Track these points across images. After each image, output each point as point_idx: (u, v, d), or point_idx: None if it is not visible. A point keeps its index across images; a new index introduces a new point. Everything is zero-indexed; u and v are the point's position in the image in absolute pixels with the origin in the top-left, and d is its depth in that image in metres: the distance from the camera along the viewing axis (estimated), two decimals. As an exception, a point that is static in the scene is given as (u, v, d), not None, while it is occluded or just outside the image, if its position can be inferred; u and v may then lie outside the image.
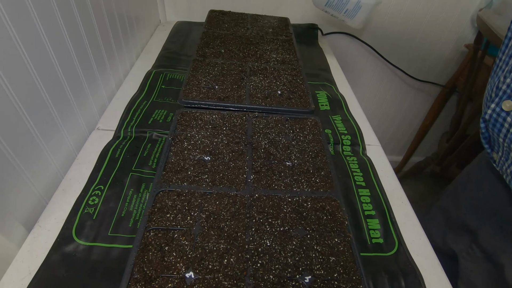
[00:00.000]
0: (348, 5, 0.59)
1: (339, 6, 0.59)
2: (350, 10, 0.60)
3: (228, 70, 0.58)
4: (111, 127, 0.50)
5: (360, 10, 0.60)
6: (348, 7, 0.59)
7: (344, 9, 0.59)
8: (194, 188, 0.37)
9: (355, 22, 0.63)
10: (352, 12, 0.60)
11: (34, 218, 0.37)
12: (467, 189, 0.58)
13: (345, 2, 0.59)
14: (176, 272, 0.29)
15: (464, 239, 0.56)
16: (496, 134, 0.40)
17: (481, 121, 0.42)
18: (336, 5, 0.59)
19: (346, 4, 0.59)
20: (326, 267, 0.31)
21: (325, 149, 0.45)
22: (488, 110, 0.40)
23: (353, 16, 0.61)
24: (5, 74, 0.32)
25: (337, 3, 0.59)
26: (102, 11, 0.52)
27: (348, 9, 0.59)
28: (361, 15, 0.61)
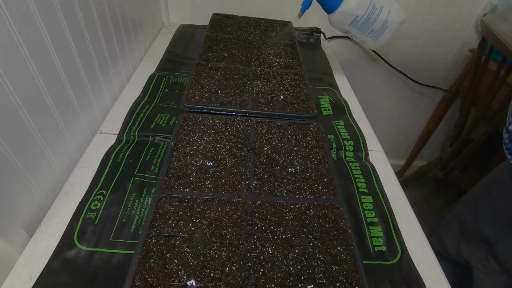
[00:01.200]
0: (375, 24, 0.54)
1: (365, 26, 0.55)
2: (376, 30, 0.55)
3: (231, 75, 0.58)
4: (114, 131, 0.50)
5: (386, 30, 0.56)
6: (375, 27, 0.55)
7: (369, 29, 0.55)
8: (196, 194, 0.37)
9: (378, 43, 0.59)
10: (378, 32, 0.56)
11: (36, 222, 0.37)
12: (487, 199, 0.57)
13: (372, 21, 0.54)
14: (177, 280, 0.29)
15: (480, 250, 0.55)
16: None
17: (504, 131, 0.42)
18: (361, 25, 0.55)
19: (373, 23, 0.54)
20: (329, 276, 0.31)
21: (328, 155, 0.45)
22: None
23: (378, 37, 0.57)
24: (8, 78, 0.32)
25: (363, 22, 0.54)
26: (106, 14, 0.52)
27: (374, 29, 0.55)
28: (386, 36, 0.57)
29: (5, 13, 0.31)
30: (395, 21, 0.56)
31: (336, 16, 0.55)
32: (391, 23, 0.55)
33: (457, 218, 0.63)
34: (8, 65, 0.31)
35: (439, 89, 1.11)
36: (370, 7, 0.53)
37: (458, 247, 0.60)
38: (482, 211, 0.57)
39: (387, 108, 1.19)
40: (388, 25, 0.55)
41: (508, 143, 0.44)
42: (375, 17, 0.54)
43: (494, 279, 0.51)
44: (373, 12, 0.53)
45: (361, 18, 0.53)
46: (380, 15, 0.54)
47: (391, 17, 0.55)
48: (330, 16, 0.57)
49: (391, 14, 0.54)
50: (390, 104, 1.18)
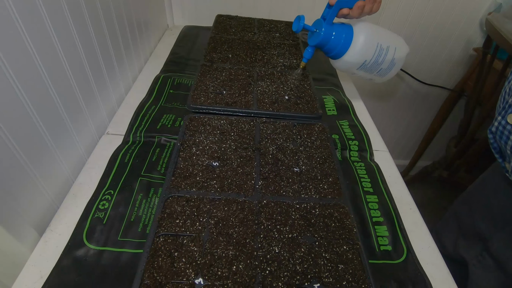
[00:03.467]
0: (383, 64, 0.52)
1: (373, 67, 0.53)
2: (384, 68, 0.54)
3: (235, 75, 0.58)
4: (121, 131, 0.51)
5: (394, 67, 0.54)
6: (383, 66, 0.53)
7: (378, 69, 0.53)
8: (203, 194, 0.37)
9: (386, 79, 0.57)
10: (386, 70, 0.54)
11: (46, 222, 0.38)
12: (481, 197, 0.57)
13: (381, 62, 0.52)
14: (185, 278, 0.29)
15: (475, 247, 0.55)
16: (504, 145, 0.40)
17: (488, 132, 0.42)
18: (370, 68, 0.52)
19: (381, 64, 0.52)
20: (335, 275, 0.31)
21: (333, 155, 0.45)
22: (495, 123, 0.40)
23: (386, 74, 0.55)
24: (19, 80, 0.32)
25: (371, 65, 0.52)
26: (112, 16, 0.53)
27: (382, 68, 0.53)
28: (395, 71, 0.56)
29: (17, 17, 0.31)
30: (402, 56, 0.54)
31: (343, 63, 0.52)
32: (398, 59, 0.54)
33: (454, 216, 0.63)
34: (19, 67, 0.32)
35: (443, 88, 1.10)
36: (378, 49, 0.51)
37: (455, 244, 0.60)
38: (477, 207, 0.57)
39: (391, 108, 1.19)
40: (396, 62, 0.54)
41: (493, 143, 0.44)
42: (383, 58, 0.52)
43: (489, 275, 0.52)
44: (380, 54, 0.51)
45: (370, 62, 0.51)
46: (388, 54, 0.52)
47: (397, 54, 0.53)
48: (336, 62, 0.54)
49: (397, 51, 0.53)
50: (395, 104, 1.17)
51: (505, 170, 0.44)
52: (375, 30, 0.51)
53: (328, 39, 0.49)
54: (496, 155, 0.45)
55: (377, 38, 0.50)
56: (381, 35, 0.52)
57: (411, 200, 0.47)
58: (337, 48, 0.50)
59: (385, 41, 0.51)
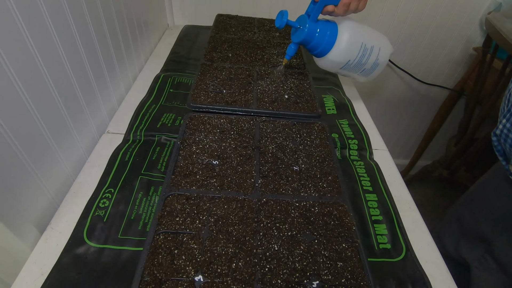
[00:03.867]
0: (367, 64, 0.52)
1: (357, 67, 0.53)
2: (368, 69, 0.53)
3: (235, 75, 0.58)
4: (121, 130, 0.51)
5: (377, 67, 0.54)
6: (366, 66, 0.53)
7: (361, 69, 0.53)
8: (203, 192, 0.37)
9: (369, 79, 0.57)
10: (369, 71, 0.54)
11: (46, 220, 0.38)
12: (484, 198, 0.57)
13: (364, 62, 0.51)
14: (185, 275, 0.29)
15: (477, 249, 0.55)
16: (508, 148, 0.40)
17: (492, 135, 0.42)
18: (353, 67, 0.52)
19: (365, 64, 0.52)
20: (334, 272, 0.31)
21: (333, 154, 0.45)
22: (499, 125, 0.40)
23: (369, 74, 0.55)
24: (20, 78, 0.32)
25: (355, 65, 0.52)
26: (113, 15, 0.53)
27: (366, 68, 0.53)
28: (378, 71, 0.56)
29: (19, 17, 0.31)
30: (385, 57, 0.54)
31: (326, 61, 0.51)
32: (381, 60, 0.53)
33: (456, 217, 0.63)
34: (20, 67, 0.32)
35: (443, 88, 1.11)
36: (362, 49, 0.50)
37: (456, 246, 0.60)
38: (479, 209, 0.57)
39: (391, 107, 1.19)
40: (379, 62, 0.53)
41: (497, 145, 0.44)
42: (366, 58, 0.51)
43: (492, 277, 0.51)
44: (364, 54, 0.50)
45: (353, 62, 0.51)
46: (371, 55, 0.51)
47: (381, 55, 0.53)
48: (319, 60, 0.53)
49: (381, 51, 0.52)
50: (394, 103, 1.17)
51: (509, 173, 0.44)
52: (360, 29, 0.50)
53: (312, 36, 0.48)
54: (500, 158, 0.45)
55: (361, 38, 0.50)
56: (366, 35, 0.51)
57: (411, 199, 0.47)
58: (320, 46, 0.49)
59: (369, 41, 0.50)
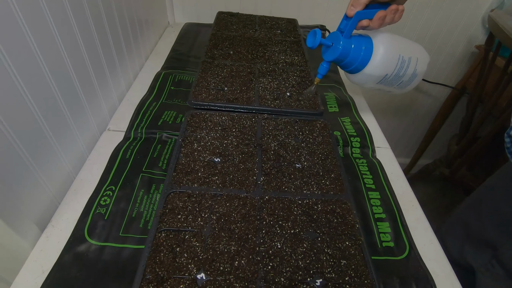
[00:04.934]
0: (405, 77, 0.49)
1: (394, 81, 0.49)
2: (406, 81, 0.50)
3: (237, 72, 0.58)
4: (122, 128, 0.51)
5: (415, 79, 0.51)
6: (404, 79, 0.49)
7: (398, 82, 0.50)
8: (205, 190, 0.37)
9: (406, 90, 0.53)
10: (407, 83, 0.51)
11: (47, 217, 0.38)
12: (492, 202, 0.56)
13: (402, 74, 0.48)
14: (187, 273, 0.29)
15: (484, 254, 0.54)
16: None
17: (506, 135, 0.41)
18: (391, 81, 0.49)
19: (403, 76, 0.48)
20: (337, 270, 0.31)
21: (335, 151, 0.45)
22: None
23: (406, 86, 0.52)
24: (21, 76, 0.32)
25: (392, 78, 0.48)
26: (113, 13, 0.53)
27: (403, 81, 0.50)
28: (415, 84, 0.52)
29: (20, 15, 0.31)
30: (423, 67, 0.50)
31: (362, 76, 0.48)
32: (420, 70, 0.50)
33: (462, 221, 0.61)
34: (21, 64, 0.32)
35: (445, 86, 1.10)
36: (400, 61, 0.47)
37: (461, 250, 0.58)
38: (487, 214, 0.56)
39: (393, 105, 1.19)
40: (417, 73, 0.50)
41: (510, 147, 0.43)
42: (404, 70, 0.48)
43: (498, 284, 0.50)
44: (402, 66, 0.47)
45: (391, 75, 0.47)
46: (410, 66, 0.48)
47: (419, 65, 0.49)
48: (353, 76, 0.49)
49: (419, 62, 0.49)
50: (396, 101, 1.17)
51: None
52: (396, 41, 0.47)
53: (347, 53, 0.45)
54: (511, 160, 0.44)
55: (398, 50, 0.47)
56: (403, 46, 0.48)
57: (413, 197, 0.47)
58: (356, 62, 0.46)
59: (407, 52, 0.48)
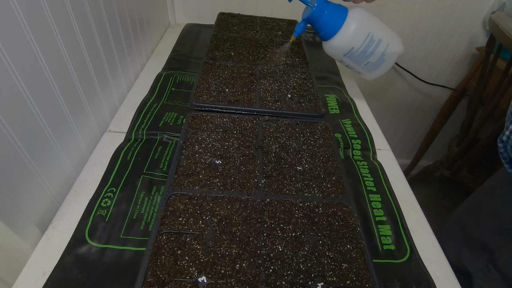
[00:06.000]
0: (371, 57, 0.50)
1: (360, 58, 0.50)
2: (372, 63, 0.51)
3: (238, 73, 0.58)
4: (123, 129, 0.51)
5: (383, 64, 0.52)
6: (371, 59, 0.50)
7: (365, 61, 0.51)
8: (206, 192, 0.37)
9: (374, 75, 0.55)
10: (374, 65, 0.52)
11: (48, 219, 0.38)
12: (489, 207, 0.55)
13: (369, 54, 0.49)
14: (188, 276, 0.29)
15: (481, 259, 0.54)
16: None
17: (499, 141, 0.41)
18: (357, 57, 0.50)
19: (369, 56, 0.50)
20: (339, 274, 0.31)
21: (336, 154, 0.45)
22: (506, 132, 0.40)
23: (374, 69, 0.53)
24: (21, 76, 0.32)
25: (359, 54, 0.50)
26: (114, 13, 0.53)
27: (370, 61, 0.51)
28: (383, 69, 0.53)
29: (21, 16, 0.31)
30: (393, 55, 0.52)
31: (331, 45, 0.51)
32: (388, 56, 0.51)
33: (459, 224, 0.61)
34: (23, 65, 0.32)
35: (446, 88, 1.10)
36: (368, 40, 0.49)
37: (459, 254, 0.58)
38: (485, 217, 0.55)
39: (393, 107, 1.18)
40: (386, 59, 0.51)
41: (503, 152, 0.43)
42: (372, 50, 0.50)
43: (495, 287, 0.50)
44: (370, 45, 0.49)
45: (357, 50, 0.50)
46: (378, 48, 0.50)
47: (389, 51, 0.51)
48: (325, 44, 0.53)
49: (390, 47, 0.50)
50: (396, 103, 1.17)
51: None
52: (370, 19, 0.49)
53: (319, 16, 0.48)
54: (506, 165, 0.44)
55: (369, 28, 0.49)
56: (376, 27, 0.50)
57: (414, 199, 0.47)
58: (326, 27, 0.49)
59: (378, 33, 0.49)
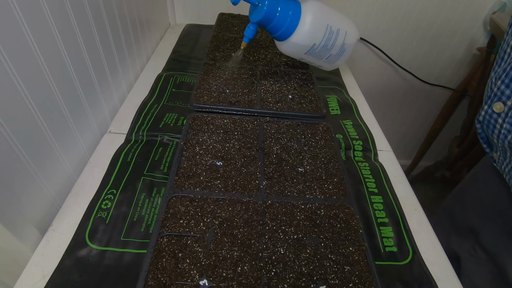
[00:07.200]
0: (333, 50, 0.49)
1: (322, 53, 0.49)
2: (334, 55, 0.50)
3: (238, 74, 0.57)
4: (123, 130, 0.50)
5: (343, 53, 0.51)
6: (332, 52, 0.49)
7: (327, 55, 0.50)
8: (207, 194, 0.37)
9: (335, 66, 0.54)
10: (335, 57, 0.51)
11: (48, 221, 0.37)
12: (473, 190, 0.57)
13: (330, 47, 0.48)
14: (190, 279, 0.29)
15: (467, 241, 0.55)
16: (491, 134, 0.41)
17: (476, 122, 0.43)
18: (318, 53, 0.49)
19: (331, 49, 0.49)
20: (341, 276, 0.31)
21: (338, 155, 0.44)
22: (482, 112, 0.41)
23: (335, 61, 0.52)
24: (21, 78, 0.32)
25: (320, 50, 0.48)
26: (115, 14, 0.53)
27: (332, 54, 0.50)
28: (344, 58, 0.53)
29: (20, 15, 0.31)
30: (352, 43, 0.51)
31: (289, 45, 0.47)
32: (348, 45, 0.50)
33: (447, 212, 0.63)
34: (22, 66, 0.32)
35: (446, 88, 1.10)
36: (328, 32, 0.46)
37: (447, 239, 0.60)
38: (469, 202, 0.57)
39: (393, 107, 1.18)
40: (346, 48, 0.50)
41: (481, 132, 0.45)
42: (332, 42, 0.48)
43: (482, 268, 0.51)
44: (330, 38, 0.47)
45: (319, 46, 0.47)
46: (338, 39, 0.48)
47: (348, 39, 0.50)
48: (281, 44, 0.49)
49: (348, 36, 0.49)
50: (397, 103, 1.17)
51: (493, 160, 0.45)
52: (325, 10, 0.47)
53: (273, 16, 0.43)
54: (484, 145, 0.46)
55: (327, 19, 0.46)
56: (331, 16, 0.47)
57: (416, 200, 0.46)
58: (282, 27, 0.44)
59: (335, 23, 0.47)
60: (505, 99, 0.38)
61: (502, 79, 0.39)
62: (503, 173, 0.42)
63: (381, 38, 0.97)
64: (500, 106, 0.39)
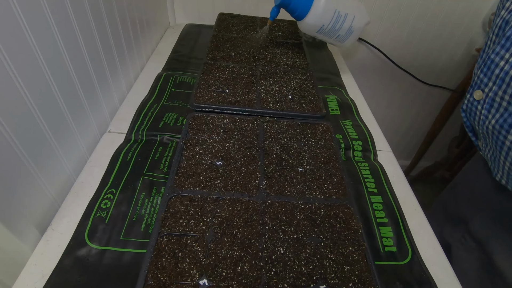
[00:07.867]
0: (341, 31, 0.59)
1: (331, 33, 0.59)
2: (342, 35, 0.60)
3: (238, 74, 0.57)
4: (122, 130, 0.50)
5: (352, 35, 0.60)
6: (340, 33, 0.59)
7: (336, 35, 0.60)
8: (207, 194, 0.37)
9: (346, 45, 0.63)
10: (344, 37, 0.61)
11: (47, 220, 0.37)
12: (466, 183, 0.59)
13: (338, 28, 0.58)
14: (190, 279, 0.29)
15: (458, 230, 0.57)
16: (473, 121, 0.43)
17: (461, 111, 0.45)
18: (328, 32, 0.59)
19: (339, 30, 0.58)
20: (341, 276, 0.31)
21: (337, 155, 0.45)
22: (465, 100, 0.43)
23: (344, 40, 0.62)
24: (22, 78, 0.32)
25: (329, 30, 0.58)
26: (115, 14, 0.53)
27: (340, 34, 0.59)
28: (352, 39, 0.62)
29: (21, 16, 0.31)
30: (360, 26, 0.59)
31: (304, 24, 0.58)
32: (356, 28, 0.59)
33: (441, 204, 0.65)
34: (22, 65, 0.32)
35: (445, 89, 1.10)
36: (335, 16, 0.56)
37: (441, 231, 0.61)
38: (461, 193, 0.59)
39: (393, 108, 1.19)
40: (353, 30, 0.59)
41: (466, 121, 0.46)
42: (340, 25, 0.57)
43: (471, 256, 0.53)
44: (337, 21, 0.56)
45: (327, 27, 0.57)
46: (345, 22, 0.57)
47: (355, 23, 0.58)
48: (299, 23, 0.60)
49: (356, 20, 0.58)
50: (396, 104, 1.17)
51: (479, 148, 0.46)
52: None
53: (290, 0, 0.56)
54: (469, 134, 0.47)
55: (335, 5, 0.55)
56: (341, 3, 0.56)
57: (415, 201, 0.46)
58: (298, 10, 0.56)
59: (343, 8, 0.56)
60: (483, 87, 0.41)
61: (481, 68, 0.41)
62: (487, 160, 0.44)
63: (381, 38, 0.97)
64: (480, 94, 0.41)
